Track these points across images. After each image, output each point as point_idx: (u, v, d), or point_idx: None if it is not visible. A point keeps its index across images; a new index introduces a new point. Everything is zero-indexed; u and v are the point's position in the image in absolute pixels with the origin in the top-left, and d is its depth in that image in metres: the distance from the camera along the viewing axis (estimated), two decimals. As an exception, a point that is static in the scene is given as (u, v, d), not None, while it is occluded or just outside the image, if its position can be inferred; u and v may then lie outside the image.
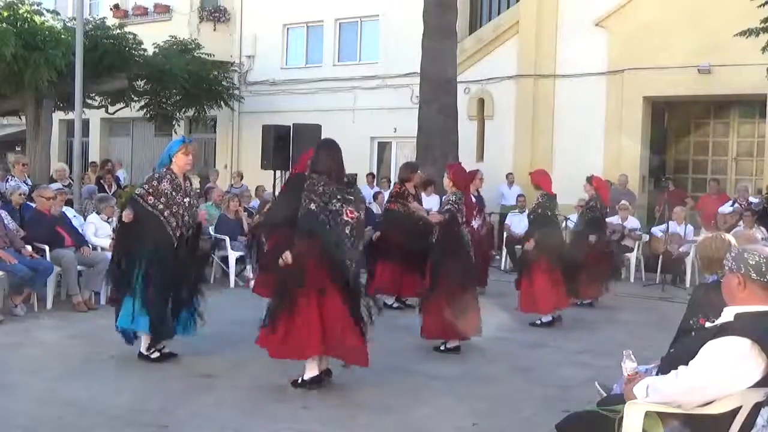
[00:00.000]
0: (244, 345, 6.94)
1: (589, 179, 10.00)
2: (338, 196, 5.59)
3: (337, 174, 5.68)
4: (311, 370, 5.70)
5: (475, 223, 7.74)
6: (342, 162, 5.78)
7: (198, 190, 6.73)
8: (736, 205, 12.22)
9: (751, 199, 12.42)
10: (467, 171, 7.61)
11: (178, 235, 6.42)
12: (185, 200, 6.47)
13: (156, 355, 6.47)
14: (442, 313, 6.78)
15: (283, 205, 6.58)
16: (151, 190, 6.38)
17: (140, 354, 6.49)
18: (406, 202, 8.84)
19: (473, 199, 7.69)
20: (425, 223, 7.71)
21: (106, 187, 14.02)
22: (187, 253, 6.56)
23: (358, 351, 5.66)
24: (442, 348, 7.04)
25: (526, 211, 13.45)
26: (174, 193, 6.40)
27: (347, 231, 5.59)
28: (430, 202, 11.53)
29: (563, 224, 9.21)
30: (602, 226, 9.96)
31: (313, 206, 5.53)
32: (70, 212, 9.67)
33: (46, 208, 8.78)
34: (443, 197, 7.53)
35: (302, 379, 5.71)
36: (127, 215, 6.31)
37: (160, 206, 6.35)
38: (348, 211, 5.60)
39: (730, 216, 11.89)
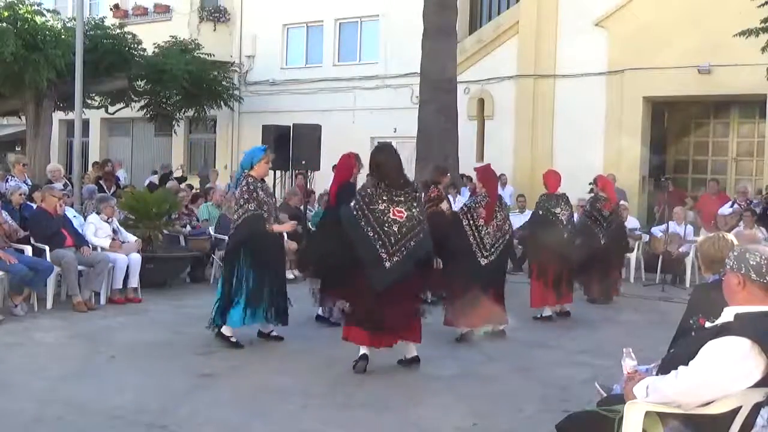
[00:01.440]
0: (245, 345, 6.96)
1: (595, 180, 10.05)
2: (384, 197, 5.98)
3: (389, 177, 6.04)
4: (361, 351, 6.14)
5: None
6: (396, 165, 6.14)
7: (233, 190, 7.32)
8: (735, 205, 12.21)
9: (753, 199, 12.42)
10: (494, 172, 7.98)
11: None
12: (273, 203, 7.01)
13: (234, 339, 6.87)
14: (461, 303, 7.21)
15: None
16: (258, 203, 6.72)
17: (222, 335, 6.87)
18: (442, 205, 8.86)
19: (502, 199, 8.14)
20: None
21: (105, 187, 14.02)
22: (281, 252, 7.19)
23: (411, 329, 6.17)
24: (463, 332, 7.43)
25: (527, 211, 13.55)
26: (268, 199, 6.84)
27: (395, 229, 5.94)
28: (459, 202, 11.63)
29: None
30: (599, 228, 9.95)
31: (352, 203, 6.06)
32: (70, 212, 9.66)
33: (53, 208, 8.79)
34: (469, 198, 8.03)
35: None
36: (290, 225, 7.08)
37: (265, 215, 6.74)
38: (395, 211, 5.98)
39: (730, 217, 11.87)
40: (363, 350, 6.14)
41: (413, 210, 6.06)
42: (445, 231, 7.76)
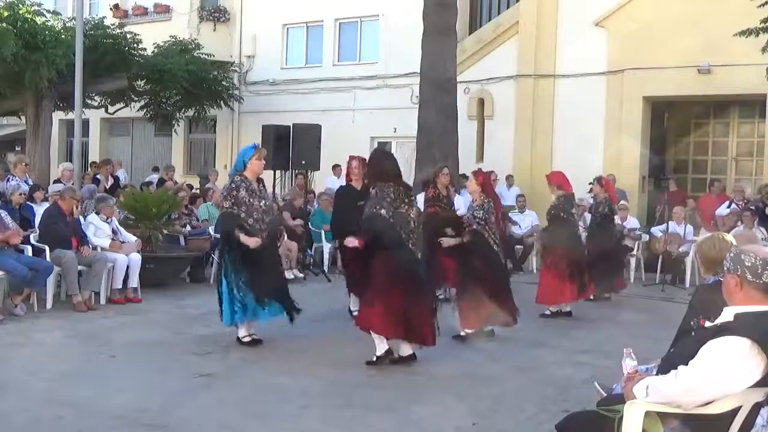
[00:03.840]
0: (245, 344, 6.96)
1: (599, 180, 10.12)
2: (405, 200, 6.34)
3: (400, 180, 6.42)
4: (381, 347, 6.28)
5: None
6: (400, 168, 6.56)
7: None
8: (733, 205, 12.20)
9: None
10: (487, 174, 8.17)
11: (262, 238, 6.82)
12: (261, 204, 6.87)
13: (248, 339, 6.95)
14: (476, 304, 7.31)
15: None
16: (234, 201, 6.76)
17: (238, 339, 6.97)
18: (444, 206, 8.86)
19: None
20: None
21: (103, 182, 14.02)
22: (274, 251, 7.16)
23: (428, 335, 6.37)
24: (462, 334, 7.43)
25: (527, 211, 13.56)
26: (251, 200, 6.78)
27: (412, 226, 6.32)
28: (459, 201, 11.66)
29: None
30: (612, 228, 10.24)
31: (383, 211, 6.22)
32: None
33: (69, 210, 8.80)
34: (470, 205, 7.99)
35: (376, 357, 6.29)
36: (253, 241, 6.69)
37: (243, 215, 6.73)
38: (411, 211, 6.39)
39: (728, 218, 11.86)
40: (384, 345, 6.28)
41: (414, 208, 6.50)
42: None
